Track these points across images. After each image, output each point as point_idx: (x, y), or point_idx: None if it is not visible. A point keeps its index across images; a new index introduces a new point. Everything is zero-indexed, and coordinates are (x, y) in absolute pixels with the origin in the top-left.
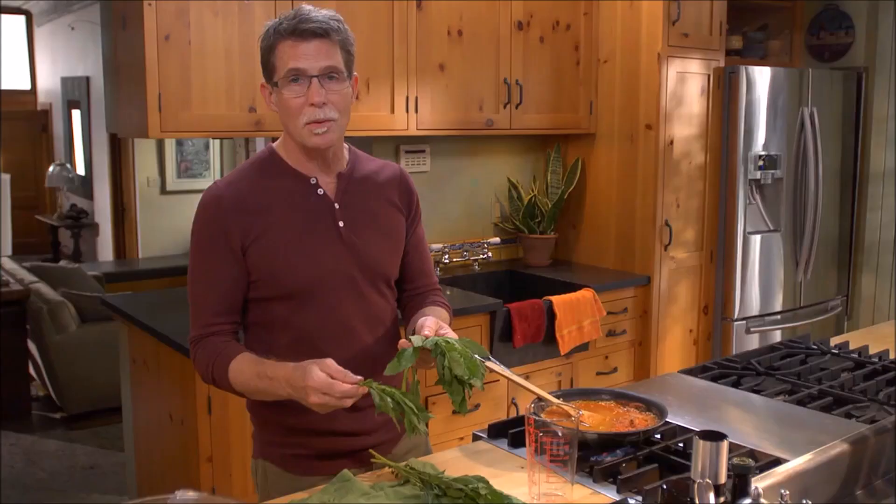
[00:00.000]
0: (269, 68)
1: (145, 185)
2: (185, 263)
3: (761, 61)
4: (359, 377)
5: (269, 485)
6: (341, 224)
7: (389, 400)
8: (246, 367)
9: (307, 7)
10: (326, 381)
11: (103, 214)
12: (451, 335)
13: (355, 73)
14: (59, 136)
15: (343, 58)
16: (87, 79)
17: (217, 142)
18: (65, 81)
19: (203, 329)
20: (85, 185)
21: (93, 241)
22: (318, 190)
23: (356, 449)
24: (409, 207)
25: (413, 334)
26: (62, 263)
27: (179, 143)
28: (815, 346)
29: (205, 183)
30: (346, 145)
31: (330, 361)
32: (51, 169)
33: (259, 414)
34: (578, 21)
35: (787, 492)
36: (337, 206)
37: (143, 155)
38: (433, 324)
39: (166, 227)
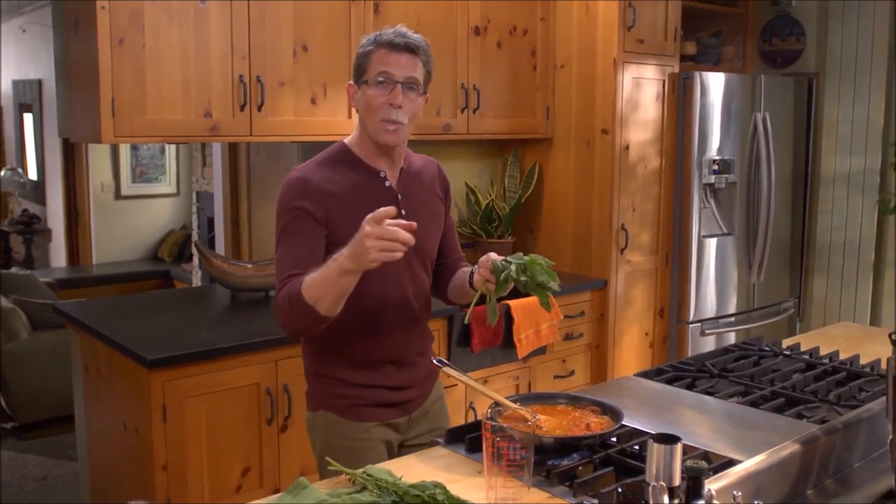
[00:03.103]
0: (360, 70)
1: (99, 191)
2: (141, 269)
3: (715, 67)
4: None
5: (329, 430)
6: (403, 212)
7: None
8: (314, 272)
9: (404, 28)
10: (373, 215)
11: (56, 220)
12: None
13: (427, 94)
14: (11, 139)
15: (423, 75)
16: (40, 82)
17: (173, 147)
18: (16, 84)
19: (281, 283)
20: (37, 190)
21: (45, 247)
22: (386, 182)
23: (402, 400)
24: (447, 196)
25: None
26: (13, 270)
27: (134, 148)
28: (767, 348)
29: (161, 188)
30: None
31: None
32: (2, 173)
33: (322, 371)
34: (535, 26)
35: (740, 493)
36: (400, 196)
37: (97, 159)
38: (495, 255)
39: (121, 232)
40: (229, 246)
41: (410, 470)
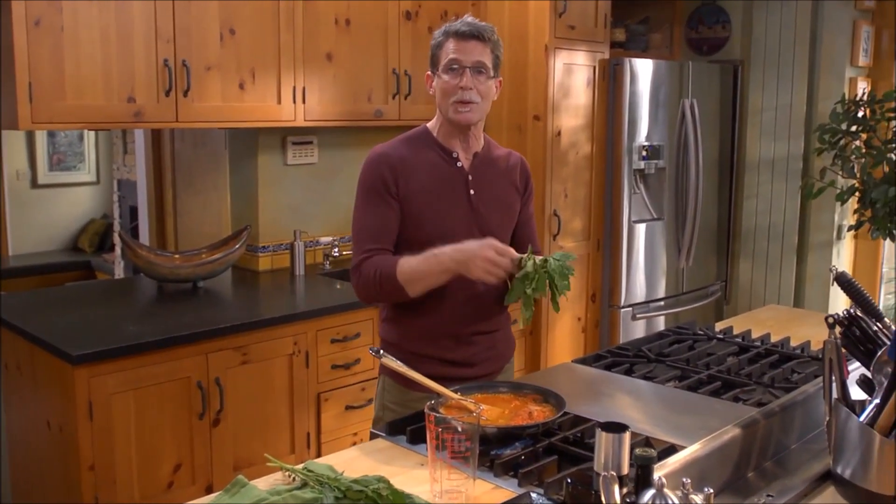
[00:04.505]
0: (434, 60)
1: (14, 179)
2: (60, 260)
3: (643, 54)
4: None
5: (386, 393)
6: (472, 192)
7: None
8: (412, 258)
9: (471, 17)
10: (498, 245)
11: None
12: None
13: (500, 77)
14: None
15: (491, 59)
16: None
17: (92, 133)
18: None
19: (364, 253)
20: None
21: None
22: (458, 162)
23: (461, 376)
24: (525, 189)
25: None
26: None
27: (51, 135)
28: (701, 332)
29: (80, 176)
30: (483, 134)
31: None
32: None
33: (386, 336)
34: (466, 11)
35: (689, 480)
36: (471, 177)
37: (12, 147)
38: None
39: (38, 222)
40: (154, 235)
41: (351, 464)
